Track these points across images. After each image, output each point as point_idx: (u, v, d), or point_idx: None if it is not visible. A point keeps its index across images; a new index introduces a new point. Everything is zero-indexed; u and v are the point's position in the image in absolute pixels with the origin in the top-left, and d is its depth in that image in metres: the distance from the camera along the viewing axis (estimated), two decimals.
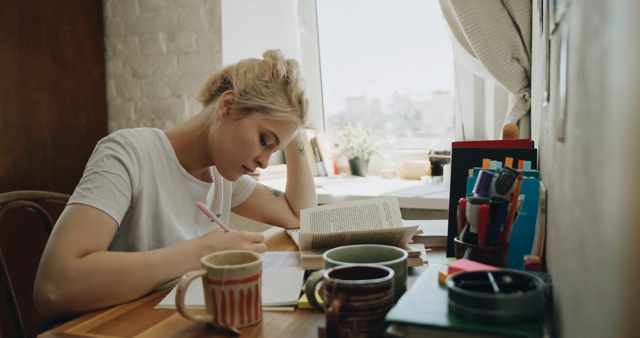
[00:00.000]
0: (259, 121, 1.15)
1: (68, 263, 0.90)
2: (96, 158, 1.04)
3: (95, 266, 0.91)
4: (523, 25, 1.79)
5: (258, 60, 1.21)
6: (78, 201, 0.97)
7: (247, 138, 1.15)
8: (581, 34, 0.50)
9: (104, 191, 1.00)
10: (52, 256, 0.91)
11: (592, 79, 0.43)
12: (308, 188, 1.46)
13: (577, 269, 0.50)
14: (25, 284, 2.15)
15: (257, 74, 1.16)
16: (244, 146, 1.16)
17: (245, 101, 1.14)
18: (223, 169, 1.20)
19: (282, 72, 1.16)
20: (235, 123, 1.15)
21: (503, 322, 0.61)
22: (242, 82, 1.15)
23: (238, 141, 1.15)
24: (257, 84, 1.15)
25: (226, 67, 1.23)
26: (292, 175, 1.46)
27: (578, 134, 0.51)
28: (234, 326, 0.79)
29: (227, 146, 1.16)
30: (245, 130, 1.15)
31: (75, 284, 0.89)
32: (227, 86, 1.19)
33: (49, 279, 0.89)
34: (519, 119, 1.86)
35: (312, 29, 2.73)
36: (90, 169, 1.03)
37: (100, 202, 0.98)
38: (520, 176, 0.85)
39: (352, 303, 0.69)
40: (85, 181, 1.01)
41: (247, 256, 0.86)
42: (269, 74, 1.16)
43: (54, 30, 2.42)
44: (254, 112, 1.15)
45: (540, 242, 0.94)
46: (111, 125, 2.72)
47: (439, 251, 1.23)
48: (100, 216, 0.97)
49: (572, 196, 0.56)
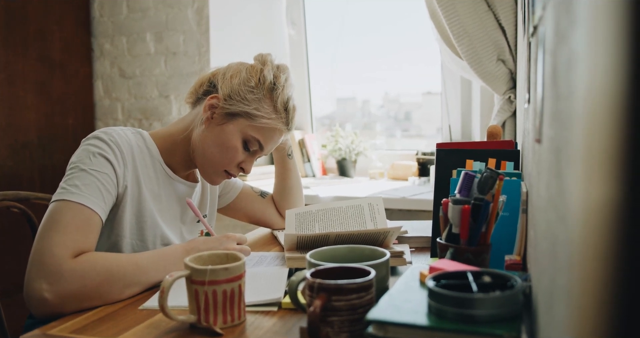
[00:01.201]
0: (243, 127, 1.14)
1: (65, 262, 0.90)
2: (82, 155, 1.04)
3: (89, 265, 0.91)
4: (508, 27, 1.81)
5: (246, 64, 1.20)
6: (68, 198, 0.97)
7: (230, 143, 1.14)
8: (554, 36, 0.51)
9: (92, 189, 0.99)
10: (47, 255, 0.91)
11: (562, 81, 0.44)
12: (296, 191, 1.46)
13: (551, 268, 0.51)
14: (9, 285, 2.14)
15: (243, 79, 1.15)
16: (226, 152, 1.15)
17: (229, 106, 1.13)
18: (206, 173, 1.20)
19: (269, 78, 1.15)
20: (219, 128, 1.14)
21: (482, 321, 0.62)
22: (228, 86, 1.14)
23: (221, 146, 1.14)
24: (243, 90, 1.14)
25: (214, 70, 1.22)
26: (280, 178, 1.46)
27: (552, 135, 0.52)
28: (217, 326, 0.79)
29: (210, 150, 1.15)
30: (228, 136, 1.14)
31: (69, 284, 0.89)
32: (213, 89, 1.19)
33: (44, 277, 0.89)
34: (505, 121, 1.88)
35: (301, 30, 2.74)
36: (77, 166, 1.02)
37: (90, 200, 0.98)
38: (501, 177, 0.86)
39: (333, 303, 0.70)
40: (72, 178, 1.00)
41: (231, 256, 0.86)
42: (255, 80, 1.15)
43: (41, 30, 2.41)
44: (238, 118, 1.14)
45: (521, 242, 0.95)
46: (98, 125, 2.71)
47: (423, 251, 1.24)
48: (91, 215, 0.98)
49: (547, 197, 0.57)
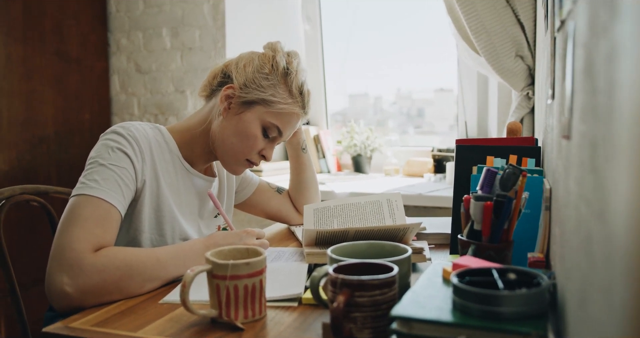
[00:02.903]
0: (261, 114, 1.15)
1: (85, 256, 0.90)
2: (101, 150, 1.04)
3: (109, 260, 0.92)
4: (527, 23, 1.79)
5: (257, 53, 1.21)
6: (87, 193, 0.97)
7: (250, 131, 1.15)
8: (588, 30, 0.50)
9: (112, 183, 1.00)
10: (68, 249, 0.91)
11: (600, 75, 0.43)
12: (311, 186, 1.46)
13: (584, 265, 0.50)
14: (29, 278, 2.16)
15: (256, 67, 1.16)
16: (247, 140, 1.15)
17: (245, 95, 1.14)
18: (227, 163, 1.20)
19: (281, 64, 1.16)
20: (237, 117, 1.15)
21: (507, 319, 0.61)
22: (242, 75, 1.15)
23: (241, 135, 1.15)
24: (257, 77, 1.15)
25: (226, 61, 1.22)
26: (295, 173, 1.46)
27: (584, 130, 0.52)
28: (238, 321, 0.79)
29: (230, 140, 1.16)
30: (247, 124, 1.15)
31: (90, 278, 0.89)
32: (227, 80, 1.19)
33: (65, 271, 0.89)
34: (523, 117, 1.86)
35: (316, 26, 2.73)
36: (96, 161, 1.02)
37: (109, 195, 0.98)
38: (524, 173, 0.85)
39: (356, 299, 0.70)
40: (91, 173, 1.01)
41: (252, 251, 0.86)
42: (269, 67, 1.16)
43: (58, 25, 2.42)
44: (256, 106, 1.15)
45: (544, 240, 0.94)
46: (114, 120, 2.72)
47: (441, 248, 1.23)
48: (110, 210, 0.98)
49: (578, 193, 0.56)
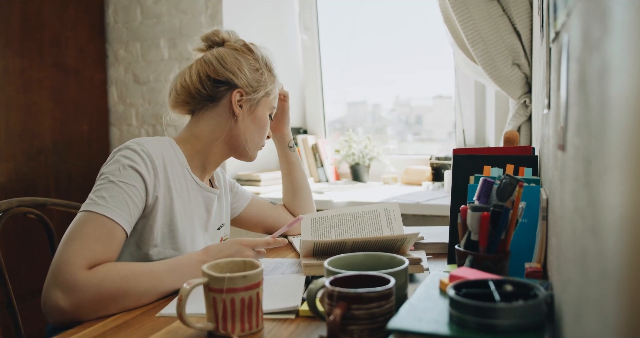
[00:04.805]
0: (267, 104, 1.26)
1: (79, 272, 0.91)
2: (112, 167, 1.04)
3: (105, 275, 0.92)
4: (524, 31, 1.79)
5: (224, 54, 1.20)
6: (93, 210, 0.98)
7: (265, 122, 1.27)
8: (581, 44, 0.50)
9: (119, 201, 1.00)
10: (64, 264, 0.92)
11: (592, 90, 0.43)
12: (303, 186, 1.49)
13: (579, 279, 0.50)
14: (26, 291, 2.15)
15: (248, 67, 1.21)
16: (264, 129, 1.27)
17: (255, 94, 1.22)
18: (246, 155, 1.27)
19: (259, 54, 1.24)
20: (252, 115, 1.23)
21: (504, 331, 0.61)
22: (243, 78, 1.20)
23: (259, 128, 1.25)
24: (256, 76, 1.22)
25: (179, 79, 1.21)
26: (286, 173, 1.49)
27: (579, 144, 0.52)
28: (235, 334, 0.79)
29: (252, 135, 1.24)
30: (262, 117, 1.25)
31: (84, 293, 0.90)
32: (221, 87, 1.19)
33: (59, 286, 0.90)
34: (520, 125, 1.86)
35: (314, 35, 2.74)
36: (106, 177, 1.03)
37: (115, 213, 0.99)
38: (521, 183, 0.85)
39: (353, 312, 0.70)
40: (100, 189, 1.01)
41: (248, 264, 0.86)
42: (254, 62, 1.22)
43: (56, 36, 2.43)
44: (262, 99, 1.24)
45: (541, 250, 0.94)
46: (113, 131, 2.73)
47: (439, 258, 1.23)
48: (114, 228, 0.98)
49: (573, 206, 0.56)
